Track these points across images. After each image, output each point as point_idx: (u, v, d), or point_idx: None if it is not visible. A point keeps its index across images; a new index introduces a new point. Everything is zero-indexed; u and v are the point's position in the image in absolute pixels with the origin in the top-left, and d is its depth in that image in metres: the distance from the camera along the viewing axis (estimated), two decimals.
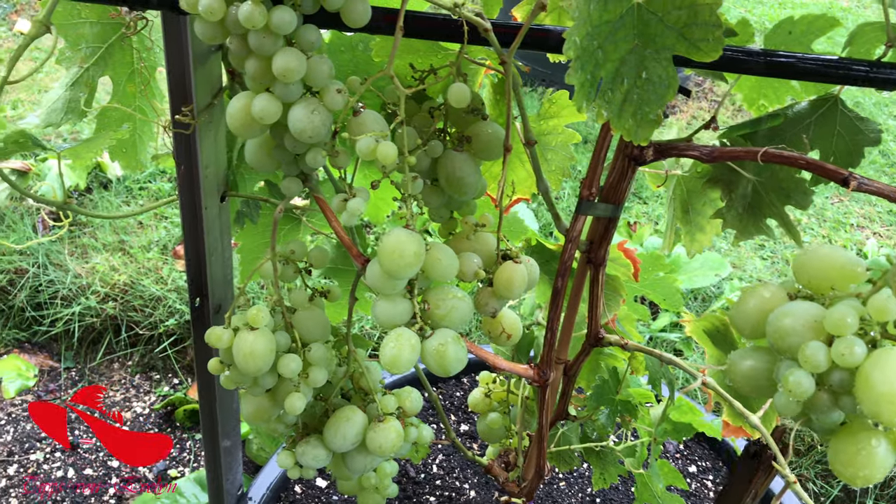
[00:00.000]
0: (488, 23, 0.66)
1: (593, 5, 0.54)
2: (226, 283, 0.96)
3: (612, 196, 0.74)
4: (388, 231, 0.70)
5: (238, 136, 0.71)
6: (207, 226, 0.86)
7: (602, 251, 0.78)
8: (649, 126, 0.59)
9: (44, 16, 0.67)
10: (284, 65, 0.63)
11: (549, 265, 1.02)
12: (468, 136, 0.76)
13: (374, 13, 0.66)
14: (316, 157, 0.70)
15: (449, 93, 0.68)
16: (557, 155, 0.85)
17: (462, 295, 0.75)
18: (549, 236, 2.15)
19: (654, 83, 0.58)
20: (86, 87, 0.86)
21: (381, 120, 0.70)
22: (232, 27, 0.64)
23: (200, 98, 0.77)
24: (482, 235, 0.80)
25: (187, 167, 0.82)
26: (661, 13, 0.56)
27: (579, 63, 0.55)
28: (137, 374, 2.07)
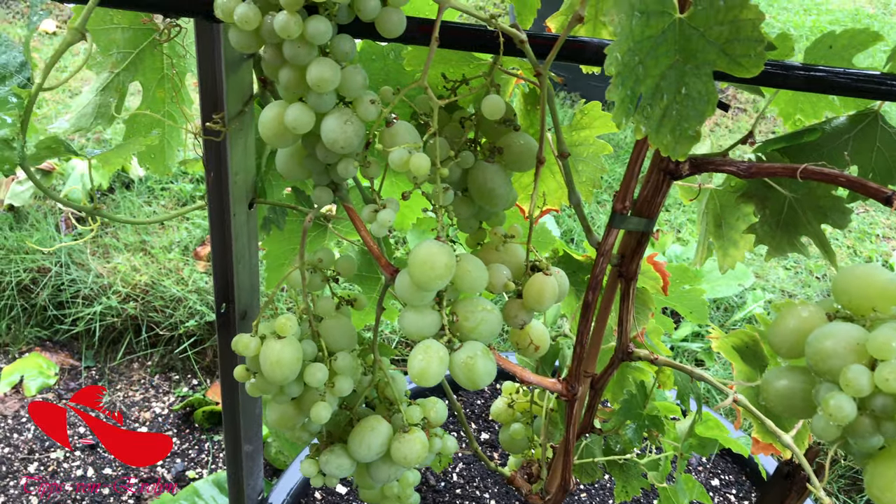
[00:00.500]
0: (524, 34, 0.65)
1: (636, 21, 0.53)
2: (252, 289, 0.96)
3: (645, 210, 0.73)
4: (419, 243, 0.69)
5: (270, 145, 0.71)
6: (235, 232, 0.86)
7: (634, 265, 0.77)
8: (688, 142, 0.58)
9: (79, 23, 0.68)
10: (319, 75, 0.62)
11: (575, 276, 1.01)
12: (500, 147, 0.75)
13: (408, 23, 0.66)
14: (347, 167, 0.69)
15: (483, 105, 0.67)
16: (588, 166, 0.84)
17: (491, 307, 0.75)
18: (570, 243, 2.15)
19: (693, 99, 0.57)
20: (116, 92, 0.86)
21: (413, 131, 0.69)
22: (267, 36, 0.64)
23: (231, 105, 0.77)
24: (511, 247, 0.79)
25: (217, 174, 0.82)
26: (703, 28, 0.55)
27: (620, 79, 0.54)
28: (157, 374, 2.08)
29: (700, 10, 0.55)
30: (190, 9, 0.68)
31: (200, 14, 0.68)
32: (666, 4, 0.55)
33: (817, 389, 0.56)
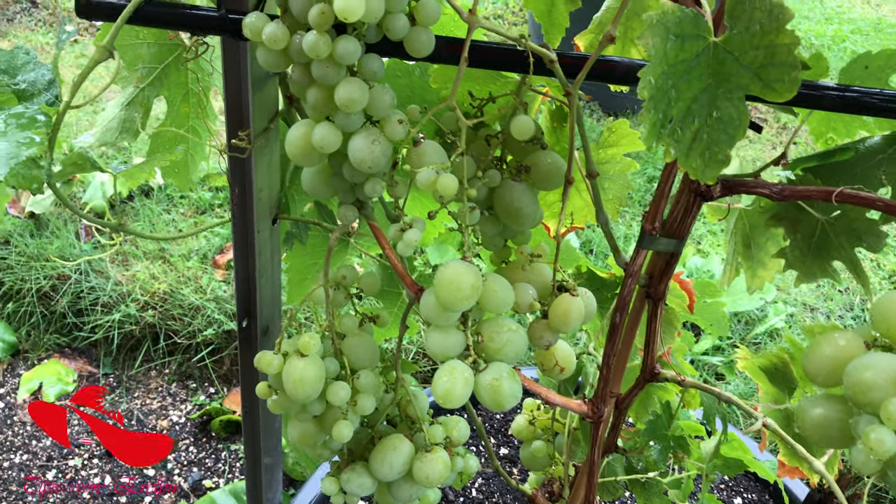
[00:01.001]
0: (553, 54, 0.65)
1: (670, 44, 0.52)
2: (274, 304, 0.95)
3: (675, 231, 0.72)
4: (445, 262, 0.68)
5: (296, 163, 0.70)
6: (259, 248, 0.86)
7: (662, 286, 0.76)
8: (718, 166, 0.58)
9: (107, 41, 0.67)
10: (347, 95, 0.62)
11: (599, 293, 1.00)
12: (527, 165, 0.75)
13: (436, 42, 0.66)
14: (374, 186, 0.69)
15: (512, 125, 0.67)
16: (615, 184, 0.84)
17: (516, 327, 0.74)
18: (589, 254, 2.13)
19: (724, 122, 0.56)
20: (141, 107, 0.86)
21: (441, 151, 0.68)
22: (295, 56, 0.63)
23: (257, 122, 0.77)
24: (537, 266, 0.78)
25: (241, 190, 0.81)
26: (737, 52, 0.54)
27: (653, 102, 0.53)
28: (174, 382, 2.08)
29: (735, 33, 0.54)
30: (217, 27, 0.68)
31: (227, 32, 0.68)
32: (701, 28, 0.54)
33: (856, 421, 0.54)
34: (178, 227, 2.24)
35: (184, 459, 1.89)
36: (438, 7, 0.64)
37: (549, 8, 0.72)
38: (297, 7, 0.62)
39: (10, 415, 1.99)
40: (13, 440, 1.92)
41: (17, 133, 0.60)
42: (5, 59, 0.70)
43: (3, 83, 0.69)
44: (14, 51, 0.70)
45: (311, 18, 0.59)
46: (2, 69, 0.69)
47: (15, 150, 0.58)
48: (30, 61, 0.70)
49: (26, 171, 0.58)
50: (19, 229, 2.16)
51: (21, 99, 0.69)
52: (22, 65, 0.70)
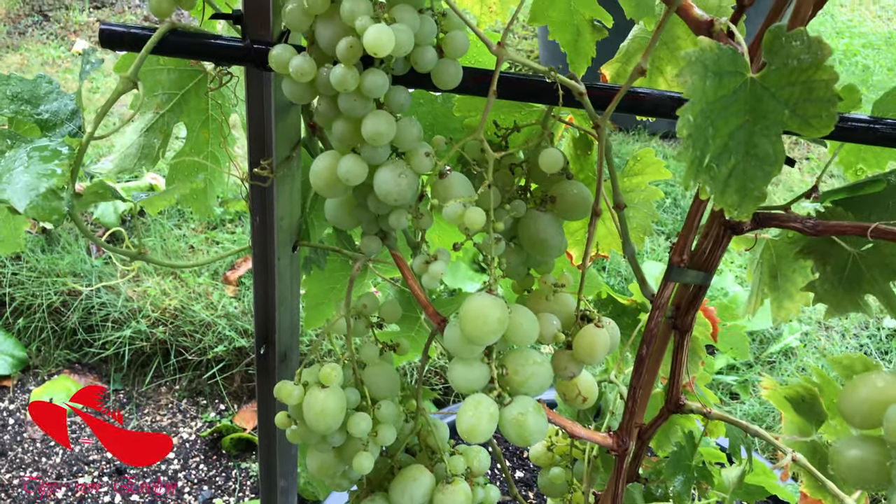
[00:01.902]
0: (582, 86, 0.64)
1: (709, 82, 0.52)
2: (293, 331, 0.95)
3: (704, 263, 0.71)
4: (471, 296, 0.68)
5: (321, 194, 0.70)
6: (279, 276, 0.85)
7: (689, 318, 0.75)
8: (753, 203, 0.57)
9: (131, 72, 0.67)
10: (375, 129, 0.61)
11: (619, 319, 0.99)
12: (552, 195, 0.74)
13: (464, 74, 0.65)
14: (399, 218, 0.68)
15: (541, 159, 0.66)
16: (639, 213, 0.83)
17: (541, 360, 0.73)
18: (601, 271, 2.12)
19: (760, 159, 0.55)
20: (160, 133, 0.86)
21: (467, 183, 0.68)
22: (322, 88, 0.63)
23: (279, 151, 0.76)
24: (562, 296, 0.77)
25: (262, 219, 0.80)
26: (774, 88, 0.54)
27: (691, 141, 0.52)
28: (184, 398, 2.08)
29: (773, 69, 0.53)
30: (242, 58, 0.67)
31: (252, 63, 0.68)
32: (739, 64, 0.53)
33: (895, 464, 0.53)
34: (188, 242, 2.24)
35: (194, 478, 1.87)
36: (467, 40, 0.63)
37: (576, 37, 0.72)
38: (325, 40, 0.61)
39: (20, 431, 1.98)
40: (23, 457, 1.91)
41: (39, 165, 0.59)
42: (28, 88, 0.69)
43: (26, 113, 0.68)
44: (37, 80, 0.70)
45: (339, 52, 0.59)
46: (24, 99, 0.69)
47: (35, 182, 0.58)
48: (52, 91, 0.70)
49: (46, 202, 0.58)
50: (30, 244, 2.16)
51: (44, 129, 0.69)
52: (45, 94, 0.69)
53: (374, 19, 0.58)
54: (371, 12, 0.58)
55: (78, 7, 3.59)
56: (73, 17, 3.52)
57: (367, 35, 0.55)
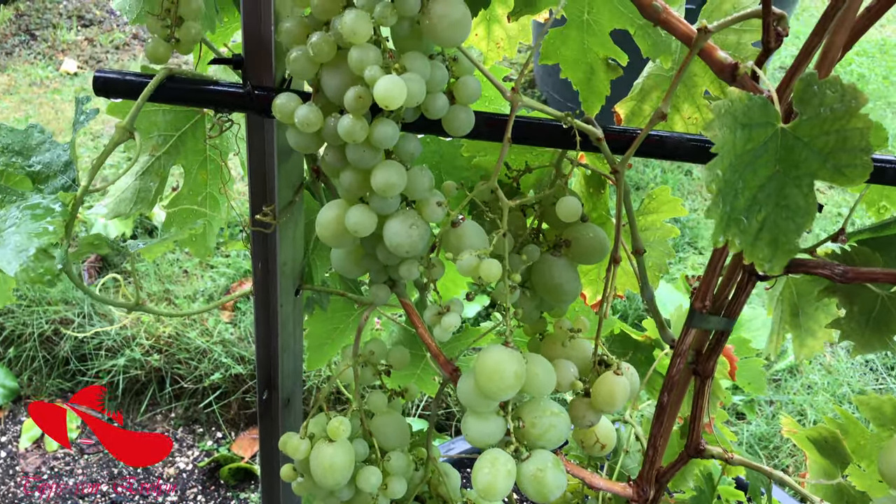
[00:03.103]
0: (600, 130, 0.61)
1: (739, 134, 0.49)
2: (296, 375, 0.91)
3: (727, 309, 0.68)
4: (486, 348, 0.65)
5: (327, 245, 0.67)
6: (282, 322, 0.82)
7: (711, 363, 0.72)
8: (785, 256, 0.54)
9: (127, 122, 0.64)
10: (385, 180, 0.58)
11: (633, 356, 0.97)
12: (567, 239, 0.71)
13: (476, 119, 0.62)
14: (411, 269, 0.65)
15: (558, 207, 0.63)
16: (655, 251, 0.80)
17: (559, 410, 0.70)
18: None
19: (792, 210, 0.53)
20: (157, 176, 0.83)
21: (480, 232, 0.65)
22: (329, 139, 0.60)
23: (282, 196, 0.73)
24: (578, 342, 0.74)
25: (264, 265, 0.78)
26: (807, 138, 0.51)
27: (720, 196, 0.50)
28: (180, 426, 2.04)
29: (806, 119, 0.51)
30: (243, 105, 0.65)
31: (254, 110, 0.65)
32: (770, 115, 0.51)
33: None
34: (182, 266, 2.20)
35: None
36: (479, 85, 0.60)
37: (589, 76, 0.69)
38: (331, 89, 0.58)
39: (11, 465, 1.94)
40: (15, 491, 1.87)
41: (31, 224, 0.56)
42: (19, 139, 0.66)
43: (17, 165, 0.65)
44: (29, 130, 0.67)
45: (347, 102, 0.56)
46: (15, 150, 0.65)
47: (26, 243, 0.55)
48: (45, 141, 0.67)
49: (37, 264, 0.55)
50: None
51: (35, 181, 0.66)
52: (37, 145, 0.66)
53: (384, 68, 0.55)
54: (380, 61, 0.55)
55: (65, 26, 3.55)
56: (61, 35, 3.48)
57: (378, 87, 0.53)
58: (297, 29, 0.58)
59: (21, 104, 2.99)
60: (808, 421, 1.81)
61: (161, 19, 0.64)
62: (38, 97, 3.04)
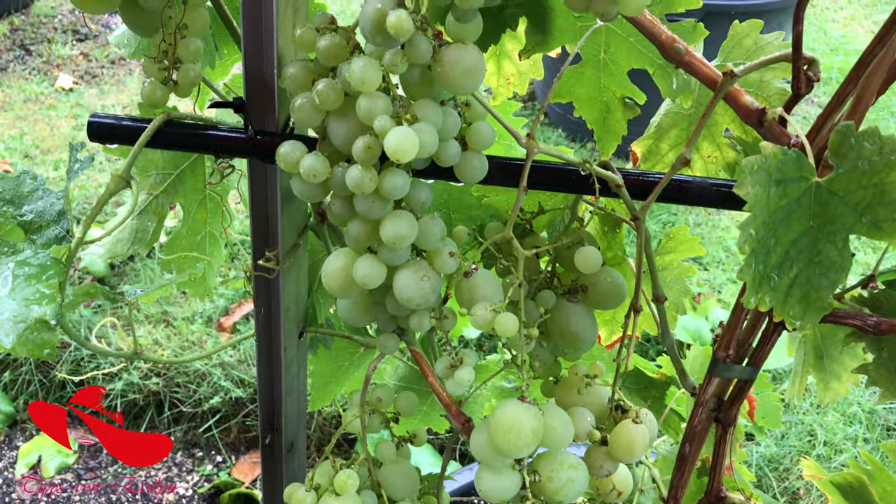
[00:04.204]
0: (619, 176, 0.59)
1: (772, 191, 0.46)
2: (299, 418, 0.88)
3: (751, 358, 0.65)
4: (501, 403, 0.62)
5: (334, 295, 0.64)
6: (286, 366, 0.79)
7: (733, 411, 0.69)
8: (817, 312, 0.51)
9: (124, 170, 0.61)
10: (395, 233, 0.55)
11: (646, 391, 0.94)
12: (583, 284, 0.68)
13: (489, 165, 0.59)
14: (421, 321, 0.62)
15: (577, 258, 0.60)
16: (672, 290, 0.77)
17: (576, 462, 0.67)
18: None
19: (825, 266, 0.50)
20: (155, 215, 0.80)
21: (493, 281, 0.62)
22: (336, 188, 0.57)
23: (286, 240, 0.71)
24: (594, 388, 0.72)
25: (267, 311, 0.75)
26: (842, 192, 0.48)
27: (754, 256, 0.47)
28: (180, 451, 2.00)
29: (842, 173, 0.48)
30: (246, 151, 0.62)
31: (257, 156, 0.62)
32: (804, 169, 0.48)
33: None
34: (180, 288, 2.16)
35: None
36: (492, 131, 0.57)
37: (604, 115, 0.66)
38: (339, 138, 0.55)
39: (7, 492, 1.91)
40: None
41: (26, 288, 0.53)
42: (10, 187, 0.63)
43: (8, 214, 0.62)
44: (20, 177, 0.64)
45: (355, 152, 0.53)
46: (6, 199, 0.63)
47: (24, 312, 0.52)
48: (37, 188, 0.64)
49: (35, 335, 0.52)
50: None
51: (28, 232, 0.63)
52: (29, 193, 0.63)
53: (394, 118, 0.52)
54: (390, 110, 0.52)
55: (60, 40, 3.52)
56: (56, 50, 3.45)
57: (389, 141, 0.50)
58: (301, 75, 0.55)
59: (16, 121, 2.96)
60: (819, 442, 1.79)
61: (158, 61, 0.61)
62: (34, 113, 3.01)
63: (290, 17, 0.60)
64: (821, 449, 1.78)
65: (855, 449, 1.78)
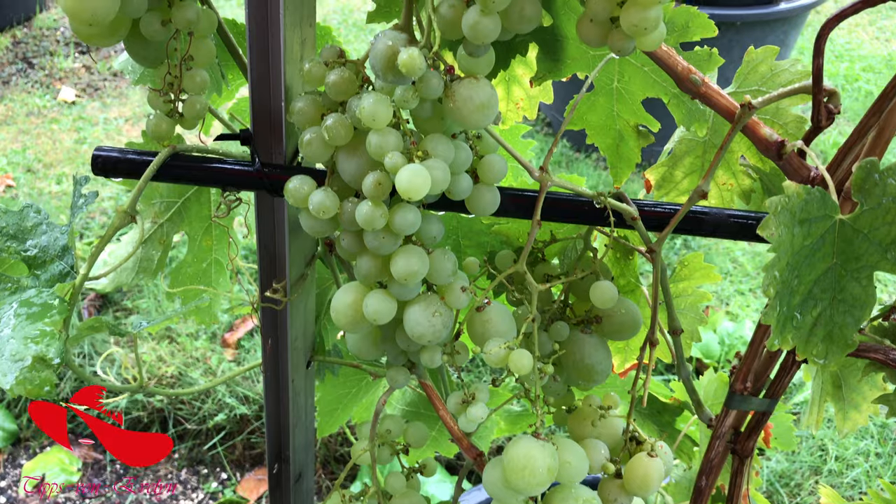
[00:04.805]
0: (635, 209, 0.57)
1: (797, 231, 0.45)
2: (307, 448, 0.87)
3: (770, 390, 0.64)
4: (515, 440, 0.61)
5: (343, 330, 0.63)
6: (293, 397, 0.78)
7: (751, 443, 0.68)
8: (842, 350, 0.50)
9: (129, 206, 0.60)
10: (406, 269, 0.54)
11: (659, 417, 0.92)
12: (598, 315, 0.67)
13: (501, 197, 0.58)
14: (433, 357, 0.61)
15: (593, 294, 0.59)
16: (686, 317, 0.76)
17: (591, 496, 0.66)
18: None
19: (849, 304, 0.49)
20: (160, 244, 0.79)
21: (507, 315, 0.61)
22: (345, 224, 0.56)
23: (293, 270, 0.69)
24: (609, 420, 0.70)
25: (274, 342, 0.73)
26: (867, 230, 0.47)
27: (778, 298, 0.46)
28: (184, 468, 1.99)
29: (866, 210, 0.47)
30: (253, 184, 0.61)
31: (265, 189, 0.61)
32: (828, 207, 0.47)
33: None
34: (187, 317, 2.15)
35: None
36: (505, 164, 0.56)
37: (618, 142, 0.65)
38: (348, 174, 0.54)
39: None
40: None
41: (28, 327, 0.52)
42: (14, 221, 0.62)
43: (12, 250, 0.61)
44: (24, 211, 0.63)
45: (365, 189, 0.52)
46: (10, 234, 0.61)
47: (23, 350, 0.51)
48: (41, 222, 0.63)
49: (34, 374, 0.51)
50: None
51: (31, 267, 0.62)
52: (32, 227, 0.62)
53: (405, 154, 0.51)
54: (401, 146, 0.51)
55: (63, 53, 3.52)
56: (58, 63, 3.45)
57: (400, 179, 0.49)
58: (310, 109, 0.54)
59: (19, 135, 2.95)
60: (830, 457, 1.77)
61: (163, 94, 0.60)
62: (36, 127, 3.00)
63: (298, 49, 0.59)
64: (832, 464, 1.76)
65: (867, 463, 1.76)
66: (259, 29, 0.57)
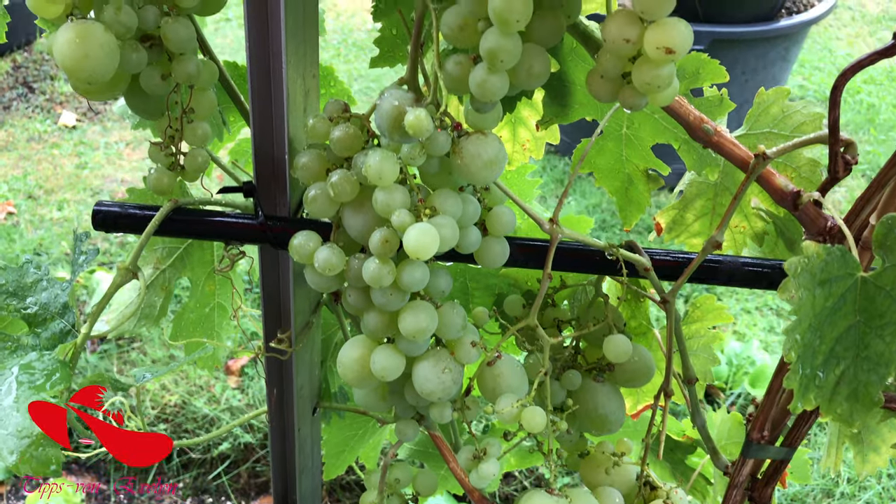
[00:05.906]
0: (648, 260, 0.56)
1: (818, 292, 0.44)
2: (314, 494, 0.86)
3: (788, 439, 0.62)
4: (527, 495, 0.59)
5: (350, 385, 0.61)
6: (299, 446, 0.76)
7: (769, 490, 0.66)
8: (866, 410, 0.49)
9: (130, 262, 0.59)
10: (415, 326, 0.53)
11: (671, 455, 0.90)
12: (610, 363, 0.65)
13: (510, 247, 0.57)
14: (443, 413, 0.59)
15: (607, 348, 0.58)
16: (699, 359, 0.74)
17: None
18: None
19: (873, 361, 0.48)
20: (162, 290, 0.78)
21: (520, 371, 0.59)
22: (352, 280, 0.55)
23: (298, 320, 0.68)
24: (623, 467, 0.69)
25: (279, 391, 0.72)
26: (889, 287, 0.46)
27: (800, 362, 0.44)
28: (189, 497, 1.97)
29: (889, 266, 0.45)
30: (257, 238, 0.59)
31: (269, 242, 0.60)
32: (849, 265, 0.45)
33: None
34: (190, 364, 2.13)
35: None
36: (513, 216, 0.55)
37: (626, 186, 0.64)
38: (354, 230, 0.53)
39: None
40: None
41: (31, 398, 0.51)
42: (14, 278, 0.61)
43: (12, 308, 0.60)
44: (24, 267, 0.62)
45: (372, 247, 0.51)
46: (10, 291, 0.60)
47: (28, 426, 0.50)
48: (41, 279, 0.61)
49: (40, 451, 0.50)
50: None
51: (31, 325, 0.61)
52: (32, 283, 0.61)
53: (413, 212, 0.50)
54: (408, 204, 0.50)
55: (63, 77, 3.52)
56: (59, 87, 3.45)
57: (409, 239, 0.47)
58: (314, 165, 0.53)
59: (19, 161, 2.95)
60: (842, 479, 1.75)
61: (164, 147, 0.59)
62: (37, 153, 3.00)
63: (301, 100, 0.58)
64: (844, 486, 1.74)
65: (879, 486, 1.74)
66: (261, 80, 0.56)
